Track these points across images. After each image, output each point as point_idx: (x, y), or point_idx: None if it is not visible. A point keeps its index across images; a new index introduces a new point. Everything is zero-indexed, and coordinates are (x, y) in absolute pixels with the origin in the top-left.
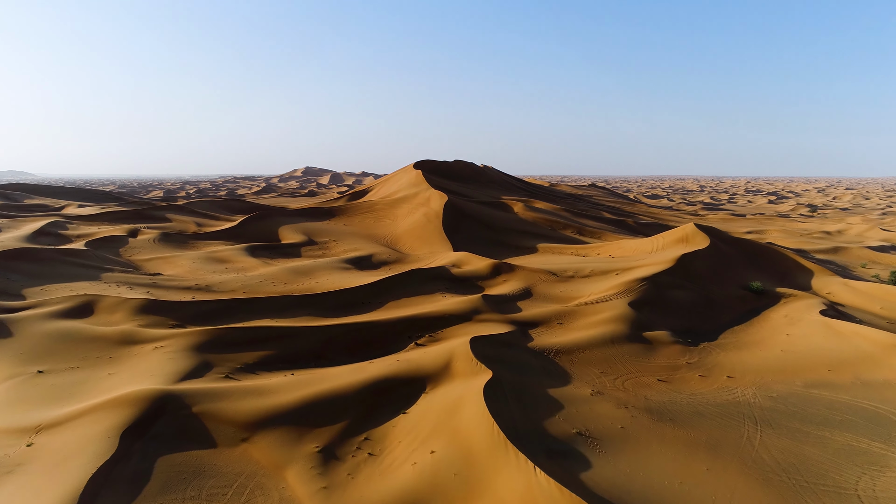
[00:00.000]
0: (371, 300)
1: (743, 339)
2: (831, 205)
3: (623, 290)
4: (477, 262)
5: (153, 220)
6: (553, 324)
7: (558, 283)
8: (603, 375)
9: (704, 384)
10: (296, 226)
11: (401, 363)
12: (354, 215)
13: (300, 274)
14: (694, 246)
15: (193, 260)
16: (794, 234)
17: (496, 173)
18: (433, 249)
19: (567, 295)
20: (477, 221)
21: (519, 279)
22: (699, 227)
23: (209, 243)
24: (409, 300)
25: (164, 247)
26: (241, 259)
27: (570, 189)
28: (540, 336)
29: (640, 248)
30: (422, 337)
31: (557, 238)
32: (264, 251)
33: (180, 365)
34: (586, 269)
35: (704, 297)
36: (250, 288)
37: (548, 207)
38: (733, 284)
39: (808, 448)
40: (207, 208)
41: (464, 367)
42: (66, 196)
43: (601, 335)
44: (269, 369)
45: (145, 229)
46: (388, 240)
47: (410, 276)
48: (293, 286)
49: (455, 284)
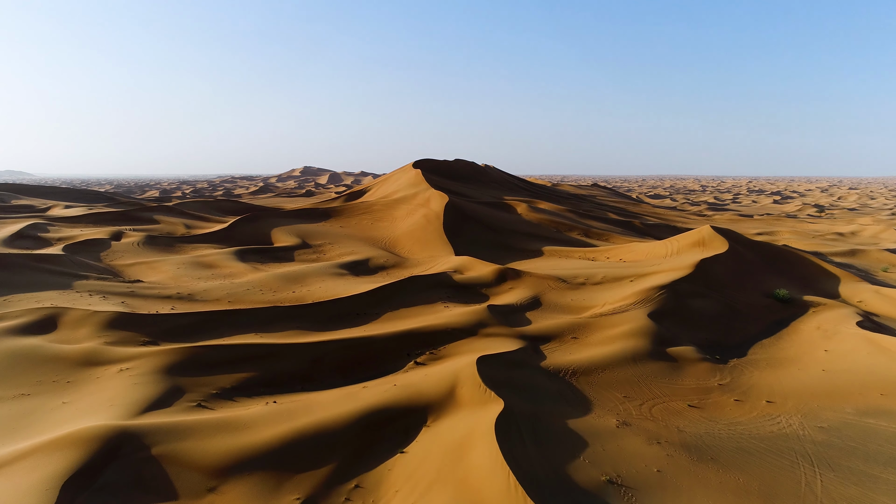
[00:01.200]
0: (366, 311)
1: (775, 354)
2: (837, 205)
3: (640, 299)
4: (481, 267)
5: (140, 222)
6: (566, 338)
7: (569, 291)
8: (627, 400)
9: (742, 411)
10: (289, 228)
11: (398, 389)
12: (351, 217)
13: (291, 280)
14: (712, 250)
15: (178, 265)
16: (806, 235)
17: (498, 173)
18: (433, 253)
19: (579, 304)
20: (479, 223)
21: (526, 286)
22: (716, 230)
23: (197, 247)
24: (408, 310)
25: (148, 251)
26: (229, 264)
27: (573, 189)
28: (553, 353)
29: (653, 251)
30: (422, 354)
31: (563, 240)
32: (255, 255)
33: (146, 391)
34: (598, 275)
35: (727, 307)
36: (236, 297)
37: (552, 208)
38: (756, 292)
39: (881, 498)
40: (198, 209)
41: (471, 394)
42: (55, 196)
43: (621, 352)
44: (248, 394)
45: (130, 232)
46: (386, 242)
47: (409, 284)
48: (283, 294)
49: (457, 292)
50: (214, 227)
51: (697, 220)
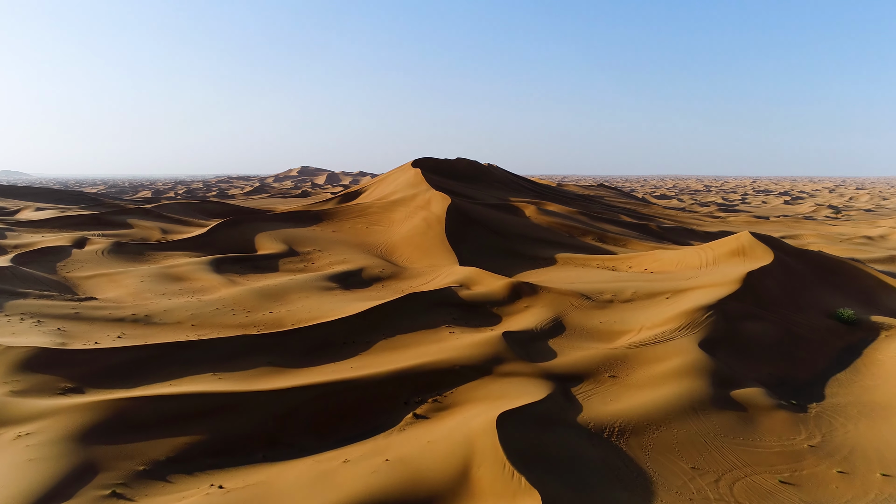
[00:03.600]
0: (355, 338)
1: (862, 397)
2: (851, 206)
3: (685, 322)
4: (490, 280)
5: (113, 227)
6: (603, 377)
7: (595, 311)
8: (698, 475)
9: (852, 489)
10: (276, 233)
11: (390, 468)
12: (345, 220)
13: (270, 297)
14: (755, 260)
15: (142, 277)
16: (833, 239)
17: (501, 172)
18: (435, 261)
19: (610, 328)
20: (484, 227)
21: (544, 305)
22: (756, 237)
23: (170, 255)
24: (406, 337)
25: (112, 260)
26: (201, 276)
27: (580, 189)
28: (590, 400)
29: (685, 261)
30: (423, 402)
31: (577, 246)
32: (233, 265)
33: (44, 472)
34: (626, 289)
35: (786, 331)
36: (201, 319)
37: (562, 210)
38: (814, 311)
39: None
40: (179, 212)
41: (492, 478)
42: (34, 197)
43: (676, 399)
44: (188, 470)
45: (96, 238)
46: (383, 249)
47: (408, 303)
48: (257, 315)
49: (464, 313)
50: (193, 233)
51: (712, 223)
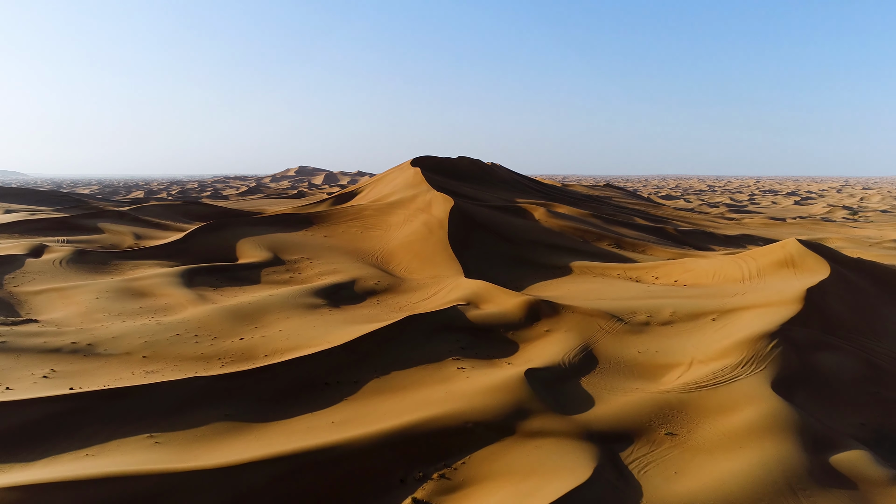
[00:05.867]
0: (340, 377)
1: None
2: (864, 206)
3: (746, 355)
4: (503, 298)
5: (81, 231)
6: (657, 434)
7: (630, 336)
8: None
9: None
10: (261, 238)
11: None
12: (338, 223)
13: (243, 318)
14: (809, 273)
15: (99, 293)
16: (861, 243)
17: (506, 172)
18: (437, 271)
19: (652, 359)
20: (491, 232)
21: (568, 328)
22: (805, 244)
23: (139, 264)
24: (403, 376)
25: (70, 271)
26: (167, 291)
27: (587, 190)
28: (648, 474)
29: (722, 272)
30: (425, 479)
31: (593, 253)
32: (208, 276)
33: None
34: (663, 308)
35: (867, 364)
36: (155, 348)
37: (574, 213)
38: (891, 337)
39: None
40: (160, 215)
41: None
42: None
43: (763, 473)
44: None
45: (57, 246)
46: (378, 257)
47: (406, 328)
48: (224, 343)
49: (474, 339)
50: (168, 238)
51: (728, 225)
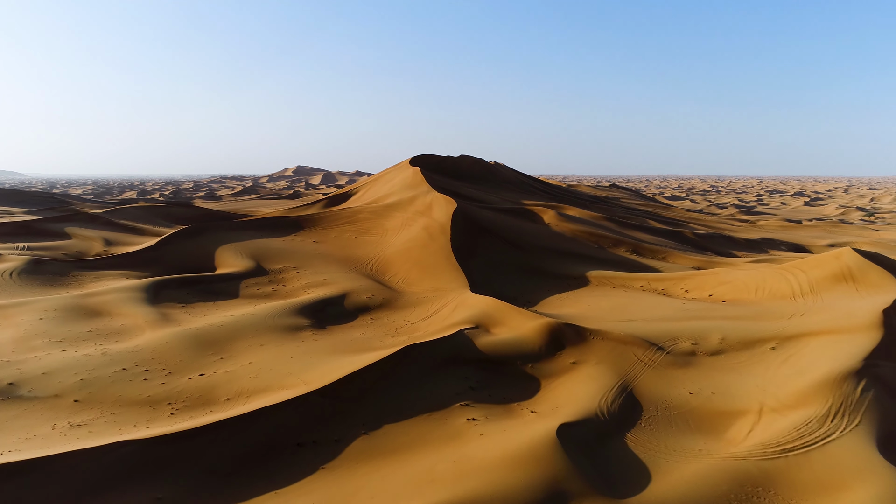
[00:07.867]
0: (317, 435)
1: None
2: (877, 207)
3: (832, 402)
4: (517, 319)
5: (46, 237)
6: None
7: (676, 371)
8: None
9: None
10: (244, 244)
11: None
12: (330, 227)
13: (207, 346)
14: (872, 288)
15: (44, 313)
16: (891, 247)
17: (510, 171)
18: (439, 283)
19: (709, 404)
20: (498, 238)
21: (599, 359)
22: (863, 255)
23: (101, 275)
24: (397, 431)
25: (21, 285)
26: (126, 310)
27: (594, 191)
28: None
29: (765, 286)
30: None
31: (610, 261)
32: (179, 289)
33: None
34: (710, 333)
35: None
36: (92, 389)
37: (586, 216)
38: None
39: None
40: (136, 217)
41: None
42: None
43: None
44: None
45: (11, 255)
46: (373, 266)
47: (403, 363)
48: (179, 380)
49: (486, 376)
50: (139, 245)
51: (745, 228)
